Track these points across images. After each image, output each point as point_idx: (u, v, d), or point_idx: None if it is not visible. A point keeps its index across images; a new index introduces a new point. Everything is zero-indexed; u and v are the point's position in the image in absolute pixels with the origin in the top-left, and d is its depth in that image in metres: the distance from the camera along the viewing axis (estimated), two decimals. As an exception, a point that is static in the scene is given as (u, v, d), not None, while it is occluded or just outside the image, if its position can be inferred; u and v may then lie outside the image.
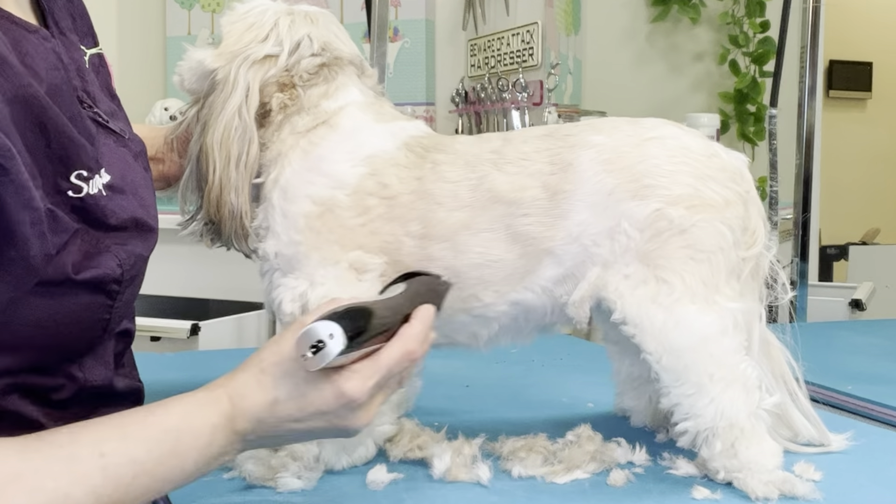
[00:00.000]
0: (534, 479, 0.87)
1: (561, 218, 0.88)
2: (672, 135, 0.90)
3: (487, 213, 0.89)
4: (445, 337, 0.94)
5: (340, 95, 0.94)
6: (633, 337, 0.87)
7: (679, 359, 0.85)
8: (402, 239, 0.90)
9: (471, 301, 0.91)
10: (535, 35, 2.17)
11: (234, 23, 0.93)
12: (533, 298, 0.91)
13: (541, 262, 0.89)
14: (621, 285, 0.87)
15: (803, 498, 0.81)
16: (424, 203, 0.89)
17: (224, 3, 2.64)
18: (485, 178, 0.89)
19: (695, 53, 2.65)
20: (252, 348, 1.83)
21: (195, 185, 0.92)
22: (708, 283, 0.86)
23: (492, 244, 0.89)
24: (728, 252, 0.87)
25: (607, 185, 0.87)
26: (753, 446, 0.85)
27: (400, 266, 0.89)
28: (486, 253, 0.89)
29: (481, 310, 0.91)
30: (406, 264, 0.90)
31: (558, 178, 0.88)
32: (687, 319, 0.85)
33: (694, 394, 0.85)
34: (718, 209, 0.87)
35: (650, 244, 0.86)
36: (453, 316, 0.92)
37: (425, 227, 0.89)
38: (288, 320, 0.91)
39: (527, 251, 0.89)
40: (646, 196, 0.87)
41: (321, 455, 0.88)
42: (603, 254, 0.88)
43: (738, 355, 0.86)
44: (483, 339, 0.95)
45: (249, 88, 0.90)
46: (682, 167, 0.87)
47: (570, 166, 0.88)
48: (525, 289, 0.90)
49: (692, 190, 0.87)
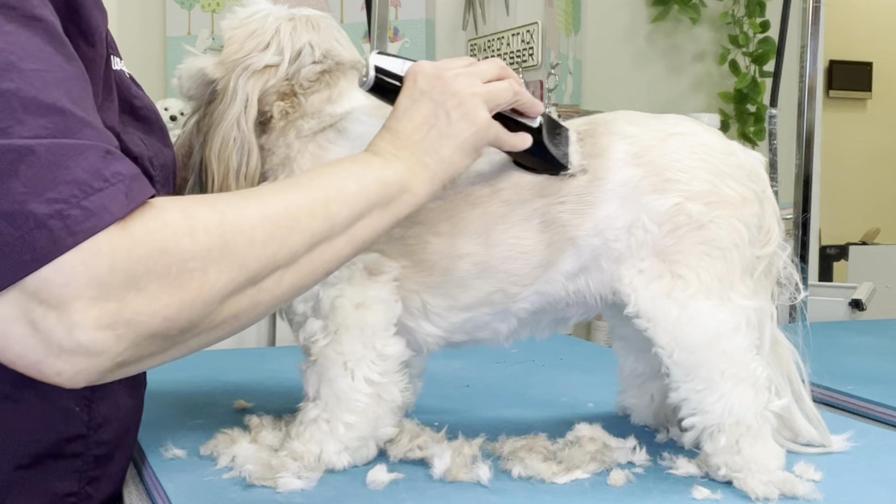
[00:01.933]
0: (534, 479, 0.87)
1: (591, 206, 0.88)
2: (693, 131, 0.91)
3: (524, 204, 0.89)
4: (466, 334, 0.95)
5: (345, 100, 0.94)
6: (646, 331, 0.87)
7: (691, 354, 0.85)
8: (428, 238, 0.90)
9: (496, 295, 0.91)
10: (535, 35, 2.17)
11: (235, 28, 0.93)
12: (553, 290, 0.91)
13: (563, 252, 0.89)
14: (636, 279, 0.87)
15: (803, 498, 0.81)
16: (451, 204, 0.90)
17: (224, 4, 2.64)
18: (511, 171, 0.91)
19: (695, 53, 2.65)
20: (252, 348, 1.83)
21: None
22: (723, 280, 0.86)
23: (524, 234, 0.89)
24: (743, 249, 0.87)
25: (634, 177, 0.88)
26: (757, 445, 0.85)
27: (425, 264, 0.90)
28: (518, 244, 0.90)
29: (505, 304, 0.92)
30: (432, 262, 0.90)
31: (593, 164, 0.89)
32: (701, 315, 0.85)
33: (703, 389, 0.86)
34: (736, 206, 0.87)
35: (667, 239, 0.87)
36: (476, 311, 0.92)
37: (454, 225, 0.90)
38: (299, 320, 0.91)
39: (554, 240, 0.89)
40: (666, 190, 0.87)
41: (321, 455, 0.88)
42: (619, 248, 0.88)
43: (749, 354, 0.86)
44: (503, 334, 0.96)
45: (248, 100, 0.90)
46: (702, 164, 0.88)
47: (604, 154, 0.89)
48: (546, 281, 0.91)
49: (711, 186, 0.87)
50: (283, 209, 0.72)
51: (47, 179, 0.61)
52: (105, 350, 0.61)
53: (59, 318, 0.60)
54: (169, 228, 0.64)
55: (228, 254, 0.67)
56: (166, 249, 0.64)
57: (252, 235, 0.69)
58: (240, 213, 0.70)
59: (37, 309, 0.60)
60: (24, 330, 0.61)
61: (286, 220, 0.72)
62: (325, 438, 0.89)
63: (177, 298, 0.64)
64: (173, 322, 0.64)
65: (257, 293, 0.70)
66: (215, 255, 0.66)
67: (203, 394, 1.19)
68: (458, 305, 0.92)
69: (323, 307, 0.89)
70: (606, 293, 0.91)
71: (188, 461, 0.92)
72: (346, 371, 0.89)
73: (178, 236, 0.65)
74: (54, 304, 0.60)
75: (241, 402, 1.12)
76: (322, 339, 0.90)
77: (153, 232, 0.64)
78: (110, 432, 0.86)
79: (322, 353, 0.90)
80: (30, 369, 0.62)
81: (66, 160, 0.62)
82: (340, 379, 0.89)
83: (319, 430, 0.90)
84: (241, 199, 0.73)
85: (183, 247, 0.64)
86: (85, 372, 0.62)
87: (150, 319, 0.63)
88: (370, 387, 0.89)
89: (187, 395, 1.18)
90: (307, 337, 0.91)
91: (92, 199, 0.61)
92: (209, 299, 0.66)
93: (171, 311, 0.64)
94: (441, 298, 0.92)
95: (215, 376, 1.31)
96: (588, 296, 0.92)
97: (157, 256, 0.63)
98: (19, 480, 0.80)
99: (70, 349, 0.61)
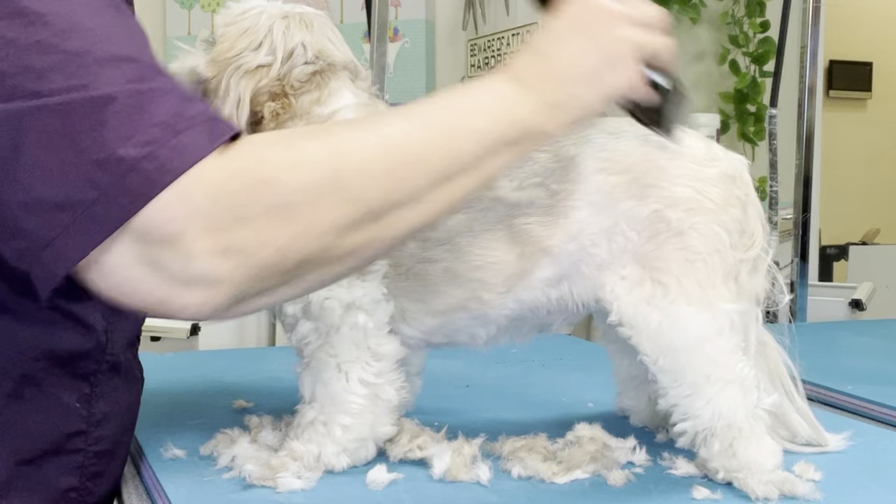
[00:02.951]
0: (534, 479, 0.87)
1: (561, 216, 0.88)
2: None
3: (486, 213, 0.88)
4: (445, 336, 0.94)
5: (333, 101, 0.93)
6: (630, 339, 0.87)
7: (675, 360, 0.85)
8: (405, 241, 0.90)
9: (471, 302, 0.91)
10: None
11: (228, 25, 0.92)
12: (534, 297, 0.91)
13: (538, 261, 0.89)
14: (617, 287, 0.87)
15: (803, 498, 0.81)
16: None
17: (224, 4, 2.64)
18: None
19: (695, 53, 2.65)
20: (252, 348, 1.83)
21: None
22: (704, 285, 0.86)
23: (490, 245, 0.89)
24: (724, 254, 0.87)
25: (608, 185, 0.87)
26: (752, 446, 0.85)
27: (401, 268, 0.90)
28: (485, 254, 0.89)
29: (481, 310, 0.92)
30: (407, 266, 0.90)
31: (559, 175, 0.88)
32: (683, 320, 0.85)
33: (691, 394, 0.85)
34: (716, 212, 0.87)
35: (647, 245, 0.87)
36: (451, 316, 0.92)
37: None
38: (290, 322, 0.91)
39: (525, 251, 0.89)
40: (645, 197, 0.87)
41: (321, 455, 0.88)
42: (601, 254, 0.88)
43: (734, 356, 0.86)
44: (482, 339, 0.95)
45: (241, 100, 0.89)
46: (681, 169, 0.88)
47: (572, 162, 0.88)
48: (525, 289, 0.90)
49: (691, 192, 0.87)
50: (403, 143, 0.70)
51: (132, 125, 0.63)
52: (223, 279, 0.63)
53: (173, 253, 0.62)
54: (269, 162, 0.66)
55: (340, 188, 0.67)
56: (268, 182, 0.65)
57: (366, 169, 0.68)
58: (353, 147, 0.69)
59: (151, 249, 0.62)
60: (144, 271, 0.63)
61: (406, 155, 0.70)
62: (323, 441, 0.89)
63: (287, 231, 0.65)
64: (287, 254, 0.65)
65: (377, 230, 0.69)
66: (325, 188, 0.66)
67: (203, 394, 1.19)
68: (432, 310, 0.92)
69: (313, 309, 0.89)
70: (589, 300, 0.91)
71: (188, 461, 0.92)
72: (339, 373, 0.89)
73: (280, 169, 0.65)
74: (166, 241, 0.62)
75: (241, 402, 1.12)
76: (314, 342, 0.89)
77: (252, 166, 0.65)
78: (110, 428, 0.86)
79: (315, 355, 0.90)
80: (158, 308, 0.65)
81: (147, 105, 0.64)
82: (335, 381, 0.89)
83: (317, 432, 0.89)
84: (356, 130, 0.72)
85: (286, 180, 0.65)
86: (208, 303, 0.64)
87: (263, 250, 0.64)
88: (365, 388, 0.89)
89: (187, 395, 1.18)
90: (299, 339, 0.91)
91: (178, 139, 0.63)
92: (323, 232, 0.66)
93: (283, 243, 0.65)
94: (417, 303, 0.92)
95: (215, 376, 1.31)
96: (570, 303, 0.91)
97: (259, 188, 0.64)
98: (21, 476, 0.80)
99: (190, 280, 0.63)
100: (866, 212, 4.02)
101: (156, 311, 0.65)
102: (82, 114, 0.63)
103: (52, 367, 0.80)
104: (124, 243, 0.63)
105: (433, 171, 0.70)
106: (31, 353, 0.79)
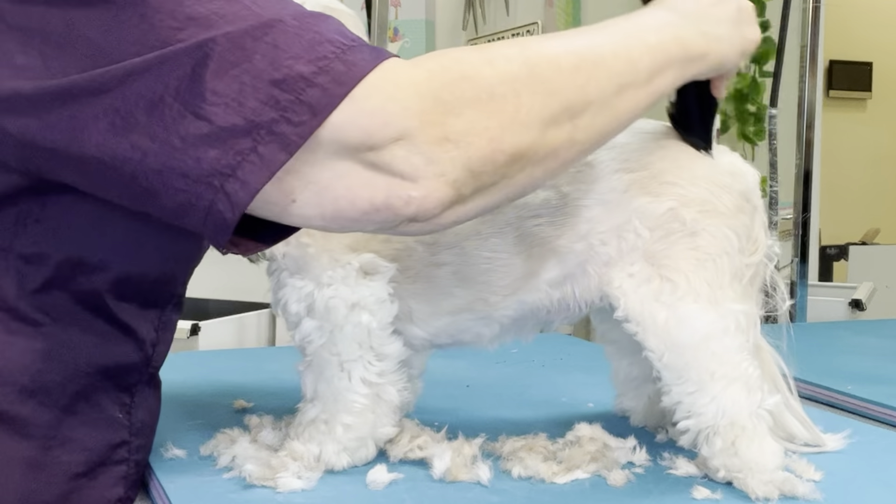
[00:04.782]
0: (534, 479, 0.87)
1: (571, 216, 0.88)
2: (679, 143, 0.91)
3: (497, 217, 0.89)
4: (451, 337, 0.95)
5: None
6: (636, 335, 0.87)
7: (681, 356, 0.85)
8: (413, 246, 0.90)
9: (477, 304, 0.91)
10: (536, 35, 2.17)
11: None
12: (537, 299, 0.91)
13: (546, 262, 0.89)
14: (625, 283, 0.87)
15: (803, 498, 0.81)
16: None
17: None
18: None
19: (695, 53, 2.64)
20: (252, 348, 1.83)
21: None
22: (712, 284, 0.86)
23: (500, 248, 0.89)
24: (733, 256, 0.87)
25: (623, 183, 0.88)
26: (754, 445, 0.85)
27: (410, 272, 0.90)
28: (494, 257, 0.89)
29: (486, 311, 0.92)
30: (416, 270, 0.90)
31: (571, 175, 0.89)
32: (690, 317, 0.85)
33: (695, 392, 0.85)
34: (728, 216, 0.87)
35: (659, 244, 0.87)
36: (458, 317, 0.92)
37: (433, 235, 0.89)
38: (294, 320, 0.91)
39: (533, 252, 0.89)
40: (662, 194, 0.87)
41: (321, 454, 0.88)
42: (609, 252, 0.88)
43: (740, 354, 0.86)
44: (487, 338, 0.96)
45: None
46: (702, 171, 0.88)
47: (588, 164, 0.89)
48: (529, 290, 0.91)
49: (708, 195, 0.87)
50: (586, 45, 0.74)
51: (303, 43, 0.65)
52: (444, 170, 0.65)
53: (392, 151, 0.65)
54: (465, 61, 0.68)
55: (536, 79, 0.69)
56: (467, 76, 0.67)
57: (558, 63, 0.70)
58: (540, 48, 0.72)
59: (371, 154, 0.65)
60: (366, 176, 0.65)
61: (591, 55, 0.73)
62: (324, 439, 0.89)
63: (496, 121, 0.67)
64: (499, 145, 0.67)
65: (573, 130, 0.71)
66: (523, 80, 0.68)
67: (203, 394, 1.20)
68: (440, 311, 0.92)
69: (317, 308, 0.89)
70: (593, 298, 0.91)
71: (188, 461, 0.92)
72: (342, 372, 0.89)
73: (477, 66, 0.68)
74: (383, 144, 0.64)
75: (241, 402, 1.12)
76: (317, 340, 0.90)
77: (448, 64, 0.68)
78: (145, 437, 0.88)
79: (318, 353, 0.90)
80: (382, 211, 0.66)
81: (313, 25, 0.66)
82: (337, 380, 0.89)
83: (318, 430, 0.90)
84: (538, 39, 0.76)
85: (484, 74, 0.67)
86: (431, 197, 0.66)
87: (478, 140, 0.66)
88: (367, 387, 0.89)
89: (187, 395, 1.18)
90: (302, 337, 0.91)
91: (350, 54, 0.65)
92: (529, 123, 0.68)
93: (494, 134, 0.67)
94: (424, 304, 0.92)
95: (215, 376, 1.31)
96: (572, 303, 0.92)
97: (460, 83, 0.67)
98: (76, 489, 0.81)
99: (411, 173, 0.65)
100: (866, 212, 4.01)
101: (376, 216, 0.66)
102: (254, 37, 0.64)
103: (102, 381, 0.81)
104: (340, 155, 0.65)
105: (615, 74, 0.73)
106: (86, 367, 0.80)
